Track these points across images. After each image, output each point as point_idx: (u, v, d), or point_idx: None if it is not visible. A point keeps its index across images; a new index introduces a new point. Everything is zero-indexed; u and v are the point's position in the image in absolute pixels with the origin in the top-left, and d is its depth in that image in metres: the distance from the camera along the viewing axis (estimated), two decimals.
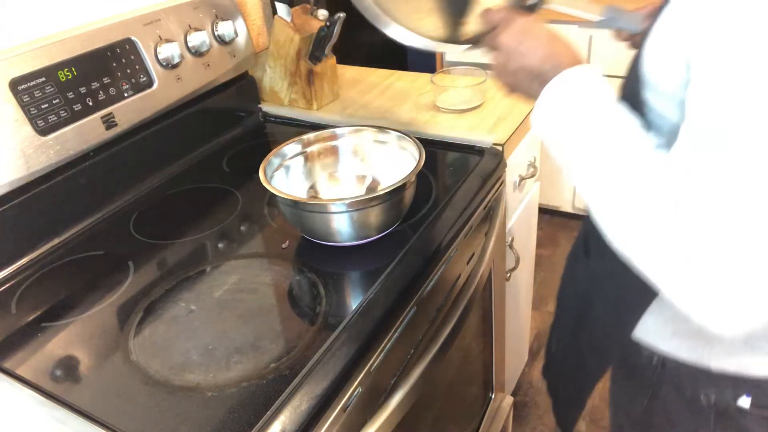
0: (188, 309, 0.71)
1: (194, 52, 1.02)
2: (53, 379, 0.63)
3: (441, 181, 0.93)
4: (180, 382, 0.61)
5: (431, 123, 1.11)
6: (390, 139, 0.89)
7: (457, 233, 0.83)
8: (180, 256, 0.81)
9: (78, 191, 0.88)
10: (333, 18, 1.10)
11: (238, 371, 0.61)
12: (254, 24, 1.40)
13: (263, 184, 0.77)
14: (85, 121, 0.86)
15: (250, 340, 0.65)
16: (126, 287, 0.76)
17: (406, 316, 0.72)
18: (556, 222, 2.33)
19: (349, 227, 0.75)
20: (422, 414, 0.87)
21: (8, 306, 0.75)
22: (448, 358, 0.92)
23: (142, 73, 0.95)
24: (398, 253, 0.76)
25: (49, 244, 0.85)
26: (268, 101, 1.24)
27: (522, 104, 1.15)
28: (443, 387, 0.94)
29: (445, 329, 0.80)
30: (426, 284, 0.76)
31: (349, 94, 1.27)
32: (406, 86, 1.28)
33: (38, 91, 0.80)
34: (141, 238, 0.87)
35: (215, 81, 1.08)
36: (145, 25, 0.95)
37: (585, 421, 1.54)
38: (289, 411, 0.56)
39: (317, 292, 0.72)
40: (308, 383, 0.58)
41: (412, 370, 0.71)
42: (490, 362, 1.20)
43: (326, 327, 0.66)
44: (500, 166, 0.98)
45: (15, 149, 0.78)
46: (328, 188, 0.91)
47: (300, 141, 0.89)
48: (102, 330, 0.69)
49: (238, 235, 0.85)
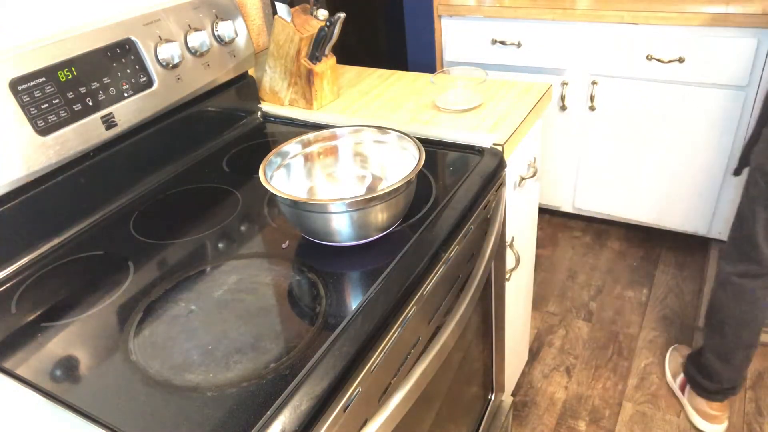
0: (188, 309, 0.71)
1: (194, 52, 1.02)
2: (53, 379, 0.63)
3: (441, 181, 0.93)
4: (180, 382, 0.61)
5: (431, 123, 1.11)
6: (390, 139, 0.89)
7: (457, 233, 0.83)
8: (180, 256, 0.81)
9: (78, 191, 0.88)
10: (333, 18, 1.10)
11: (238, 371, 0.61)
12: (254, 24, 1.40)
13: (263, 184, 0.77)
14: (85, 121, 0.86)
15: (250, 340, 0.65)
16: (126, 287, 0.76)
17: (406, 316, 0.72)
18: (556, 222, 2.34)
19: (349, 227, 0.75)
20: (422, 414, 0.87)
21: (8, 306, 0.75)
22: (448, 358, 0.92)
23: (142, 73, 0.95)
24: (398, 253, 0.76)
25: (49, 244, 0.85)
26: (268, 101, 1.24)
27: (522, 104, 1.15)
28: (443, 387, 0.94)
29: (445, 329, 0.79)
30: (426, 284, 0.76)
31: (349, 94, 1.27)
32: (406, 86, 1.28)
33: (38, 91, 0.80)
34: (141, 238, 0.87)
35: (215, 81, 1.08)
36: (145, 25, 0.95)
37: (585, 421, 1.54)
38: (289, 411, 0.56)
39: (317, 292, 0.72)
40: (308, 383, 0.58)
41: (412, 370, 0.71)
42: (490, 362, 1.20)
43: (326, 327, 0.66)
44: (500, 166, 0.98)
45: (15, 149, 0.78)
46: (328, 188, 0.91)
47: (300, 141, 0.89)
48: (102, 330, 0.69)
49: (238, 235, 0.85)
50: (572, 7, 1.83)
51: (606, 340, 1.78)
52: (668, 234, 2.19)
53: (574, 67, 1.94)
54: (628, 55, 1.81)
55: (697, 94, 1.78)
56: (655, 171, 1.97)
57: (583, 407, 1.58)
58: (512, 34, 1.97)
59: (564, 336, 1.81)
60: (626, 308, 1.89)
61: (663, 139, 1.90)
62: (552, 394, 1.63)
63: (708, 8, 1.67)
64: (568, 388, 1.64)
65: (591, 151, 2.06)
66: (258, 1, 1.40)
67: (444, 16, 2.06)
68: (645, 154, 1.96)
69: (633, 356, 1.72)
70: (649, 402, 1.57)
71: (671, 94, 1.81)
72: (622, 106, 1.91)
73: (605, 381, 1.65)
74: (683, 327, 1.79)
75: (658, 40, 1.75)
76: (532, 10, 1.88)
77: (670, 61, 1.76)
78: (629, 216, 2.12)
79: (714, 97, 1.76)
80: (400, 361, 0.73)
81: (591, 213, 2.21)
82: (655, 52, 1.77)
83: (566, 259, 2.13)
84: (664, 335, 1.77)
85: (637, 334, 1.79)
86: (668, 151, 1.91)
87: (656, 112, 1.87)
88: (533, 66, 2.00)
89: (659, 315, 1.85)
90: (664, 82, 1.81)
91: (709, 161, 1.86)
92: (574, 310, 1.91)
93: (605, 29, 1.82)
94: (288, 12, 1.13)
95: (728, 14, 1.63)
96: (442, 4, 2.04)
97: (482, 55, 2.06)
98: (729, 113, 1.76)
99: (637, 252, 2.13)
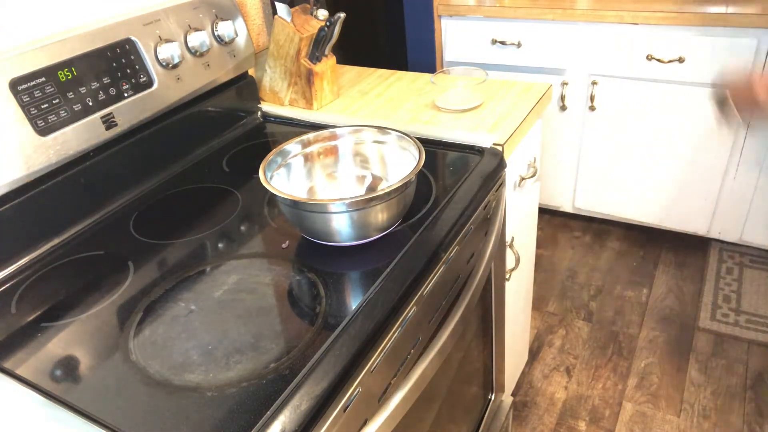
0: (188, 309, 0.71)
1: (194, 52, 1.02)
2: (53, 379, 0.63)
3: (441, 181, 0.93)
4: (180, 382, 0.61)
5: (431, 123, 1.11)
6: (390, 139, 0.89)
7: (457, 233, 0.83)
8: (180, 256, 0.81)
9: (78, 191, 0.88)
10: (333, 18, 1.10)
11: (238, 371, 0.61)
12: (254, 24, 1.40)
13: (263, 184, 0.77)
14: (85, 121, 0.86)
15: (250, 340, 0.65)
16: (126, 287, 0.76)
17: (406, 316, 0.72)
18: (556, 222, 2.34)
19: (349, 227, 0.75)
20: (422, 414, 0.87)
21: (8, 306, 0.75)
22: (448, 358, 0.92)
23: (142, 73, 0.95)
24: (398, 253, 0.76)
25: (49, 244, 0.85)
26: (268, 101, 1.24)
27: (522, 104, 1.15)
28: (443, 387, 0.94)
29: (445, 329, 0.79)
30: (426, 284, 0.76)
31: (349, 94, 1.27)
32: (406, 86, 1.28)
33: (38, 91, 0.80)
34: (141, 238, 0.87)
35: (215, 81, 1.08)
36: (145, 25, 0.95)
37: (585, 421, 1.54)
38: (289, 411, 0.56)
39: (317, 292, 0.72)
40: (308, 383, 0.58)
41: (412, 370, 0.71)
42: (490, 362, 1.20)
43: (326, 327, 0.66)
44: (500, 166, 0.98)
45: (15, 149, 0.78)
46: (328, 188, 0.91)
47: (300, 141, 0.89)
48: (102, 330, 0.69)
49: (238, 235, 0.85)
50: (572, 7, 1.83)
51: (606, 340, 1.78)
52: (668, 234, 2.19)
53: (574, 67, 1.94)
54: (628, 55, 1.81)
55: (697, 94, 1.78)
56: (655, 171, 1.97)
57: (583, 407, 1.58)
58: (512, 34, 1.97)
59: (564, 336, 1.81)
60: (626, 308, 1.89)
61: (663, 139, 1.90)
62: (552, 394, 1.63)
63: (708, 8, 1.67)
64: (568, 388, 1.64)
65: (591, 151, 2.06)
66: (258, 1, 1.40)
67: (444, 16, 2.06)
68: (645, 154, 1.96)
69: (633, 356, 1.72)
70: (649, 402, 1.57)
71: (671, 94, 1.81)
72: (622, 106, 1.91)
73: (605, 381, 1.65)
74: (683, 327, 1.79)
75: (658, 40, 1.75)
76: (532, 10, 1.89)
77: (670, 61, 1.76)
78: (629, 216, 2.12)
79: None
80: (400, 361, 0.73)
81: (591, 213, 2.21)
82: (655, 52, 1.77)
83: (566, 259, 2.13)
84: (664, 335, 1.77)
85: (637, 334, 1.79)
86: (668, 151, 1.91)
87: (656, 112, 1.87)
88: (533, 66, 2.00)
89: (659, 315, 1.85)
90: (664, 82, 1.81)
91: (709, 161, 1.86)
92: (574, 310, 1.91)
93: (605, 29, 1.82)
94: (288, 12, 1.13)
95: (728, 14, 1.63)
96: (442, 4, 2.04)
97: (482, 55, 2.06)
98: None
99: (637, 252, 2.13)
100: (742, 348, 1.70)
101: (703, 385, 1.60)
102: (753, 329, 1.74)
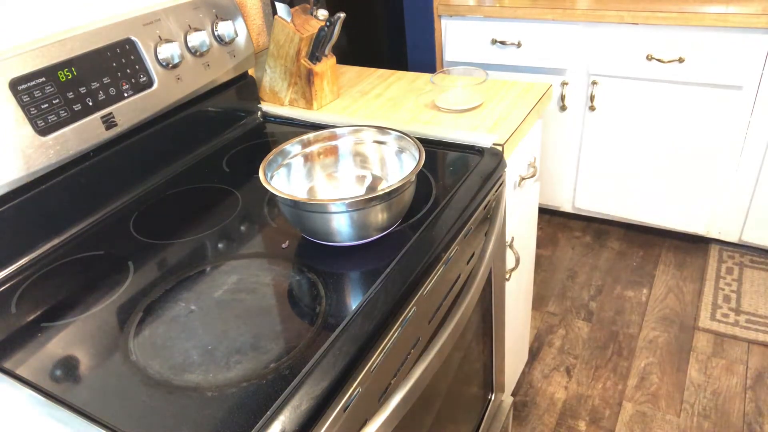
0: (188, 309, 0.71)
1: (194, 52, 1.02)
2: (53, 379, 0.63)
3: (441, 181, 0.93)
4: (180, 382, 0.61)
5: (431, 123, 1.11)
6: (390, 139, 0.89)
7: (457, 233, 0.83)
8: (180, 256, 0.81)
9: (78, 191, 0.88)
10: (333, 18, 1.10)
11: (238, 371, 0.61)
12: (254, 24, 1.40)
13: (263, 184, 0.77)
14: (85, 121, 0.86)
15: (250, 340, 0.65)
16: (126, 287, 0.76)
17: (406, 316, 0.72)
18: (556, 222, 2.34)
19: (349, 227, 0.75)
20: (422, 414, 0.87)
21: (8, 306, 0.75)
22: (448, 358, 0.92)
23: (142, 73, 0.95)
24: (398, 253, 0.76)
25: (49, 244, 0.85)
26: (268, 101, 1.24)
27: (522, 104, 1.15)
28: (443, 387, 0.94)
29: (445, 329, 0.79)
30: (426, 284, 0.76)
31: (349, 94, 1.27)
32: (406, 86, 1.28)
33: (38, 91, 0.80)
34: (141, 238, 0.87)
35: (215, 81, 1.08)
36: (145, 25, 0.95)
37: (585, 421, 1.54)
38: (289, 411, 0.56)
39: (317, 292, 0.72)
40: (308, 383, 0.58)
41: (412, 370, 0.71)
42: (490, 362, 1.20)
43: (326, 327, 0.66)
44: (500, 166, 0.98)
45: (15, 149, 0.78)
46: (328, 188, 0.91)
47: (300, 141, 0.89)
48: (102, 330, 0.69)
49: (238, 235, 0.85)
50: (572, 7, 1.83)
51: (606, 340, 1.78)
52: (668, 234, 2.19)
53: (574, 67, 1.94)
54: (628, 55, 1.81)
55: (697, 94, 1.78)
56: (655, 171, 1.97)
57: (583, 407, 1.58)
58: (512, 34, 1.97)
59: (564, 336, 1.81)
60: (626, 308, 1.89)
61: (663, 139, 1.90)
62: (552, 394, 1.63)
63: (708, 8, 1.67)
64: (568, 388, 1.64)
65: (591, 151, 2.06)
66: (258, 1, 1.40)
67: (444, 16, 2.06)
68: (645, 154, 1.96)
69: (633, 356, 1.72)
70: (649, 402, 1.57)
71: (671, 94, 1.81)
72: (622, 106, 1.91)
73: (605, 381, 1.65)
74: (683, 327, 1.79)
75: (658, 40, 1.75)
76: (532, 10, 1.89)
77: (670, 61, 1.76)
78: (629, 216, 2.12)
79: (714, 97, 1.76)
80: (400, 361, 0.73)
81: (591, 213, 2.21)
82: (655, 52, 1.77)
83: (566, 259, 2.13)
84: (664, 335, 1.77)
85: (637, 334, 1.79)
86: (668, 151, 1.91)
87: (656, 112, 1.87)
88: (533, 66, 2.00)
89: (659, 315, 1.85)
90: (664, 82, 1.81)
91: (709, 161, 1.86)
92: (574, 310, 1.91)
93: (605, 29, 1.82)
94: (288, 12, 1.13)
95: (728, 14, 1.63)
96: (442, 4, 2.04)
97: (482, 55, 2.06)
98: (729, 113, 1.76)
99: (637, 252, 2.13)
100: (742, 348, 1.70)
101: (703, 385, 1.60)
102: (753, 329, 1.74)
